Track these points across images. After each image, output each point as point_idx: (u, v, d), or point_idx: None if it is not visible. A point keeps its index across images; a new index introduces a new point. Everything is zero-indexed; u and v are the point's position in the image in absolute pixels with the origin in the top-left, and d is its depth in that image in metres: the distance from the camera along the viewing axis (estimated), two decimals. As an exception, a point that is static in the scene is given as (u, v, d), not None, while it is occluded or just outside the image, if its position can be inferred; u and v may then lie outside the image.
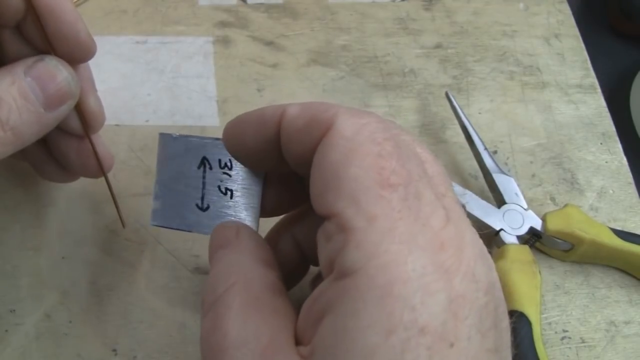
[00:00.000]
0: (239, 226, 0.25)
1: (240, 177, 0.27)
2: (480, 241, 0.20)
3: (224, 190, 0.27)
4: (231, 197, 0.27)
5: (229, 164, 0.27)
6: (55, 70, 0.26)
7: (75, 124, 0.29)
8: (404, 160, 0.19)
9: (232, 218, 0.27)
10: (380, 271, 0.17)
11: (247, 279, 0.21)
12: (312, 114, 0.21)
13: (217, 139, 0.27)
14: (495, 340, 0.18)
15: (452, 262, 0.18)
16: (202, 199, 0.27)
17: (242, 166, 0.27)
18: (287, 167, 0.23)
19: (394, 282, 0.17)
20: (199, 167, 0.27)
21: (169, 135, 0.27)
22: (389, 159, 0.19)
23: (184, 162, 0.27)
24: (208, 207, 0.27)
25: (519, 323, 0.32)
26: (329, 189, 0.19)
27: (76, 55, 0.27)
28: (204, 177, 0.27)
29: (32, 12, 0.25)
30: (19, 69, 0.25)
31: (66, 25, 0.26)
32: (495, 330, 0.18)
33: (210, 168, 0.27)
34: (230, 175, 0.27)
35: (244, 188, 0.27)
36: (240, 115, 0.24)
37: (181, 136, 0.27)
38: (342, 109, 0.21)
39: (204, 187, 0.27)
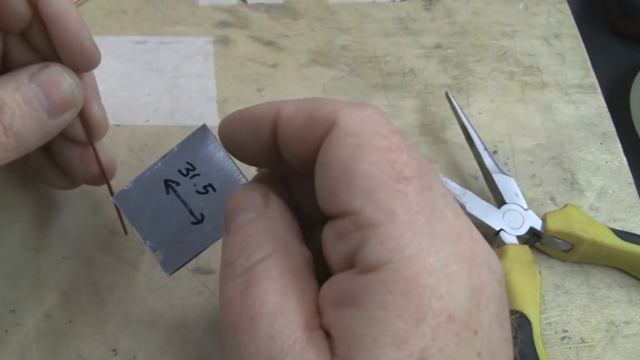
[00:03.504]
0: (267, 192, 0.23)
1: (208, 166, 0.26)
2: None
3: (203, 190, 0.26)
4: (214, 190, 0.26)
5: (189, 166, 0.26)
6: (59, 78, 0.26)
7: (78, 131, 0.29)
8: (413, 152, 0.19)
9: None
10: (405, 264, 0.17)
11: (287, 250, 0.21)
12: (309, 111, 0.21)
13: (163, 157, 0.26)
14: (509, 332, 0.19)
15: (469, 252, 0.18)
16: (192, 213, 0.26)
17: (201, 156, 0.26)
18: (288, 166, 0.23)
19: (419, 273, 0.17)
20: (167, 193, 0.26)
21: (121, 191, 0.26)
22: (399, 152, 0.19)
23: (152, 201, 0.26)
24: (203, 216, 0.26)
25: (519, 323, 0.32)
26: (341, 188, 0.19)
27: (80, 63, 0.27)
28: (179, 196, 0.26)
29: (38, 19, 0.25)
30: (23, 75, 0.25)
31: (71, 33, 0.26)
32: (508, 322, 0.19)
33: (178, 184, 0.26)
34: (199, 174, 0.26)
35: (218, 173, 0.26)
36: (234, 113, 0.24)
37: (132, 182, 0.26)
38: (340, 103, 0.20)
39: (186, 204, 0.26)
